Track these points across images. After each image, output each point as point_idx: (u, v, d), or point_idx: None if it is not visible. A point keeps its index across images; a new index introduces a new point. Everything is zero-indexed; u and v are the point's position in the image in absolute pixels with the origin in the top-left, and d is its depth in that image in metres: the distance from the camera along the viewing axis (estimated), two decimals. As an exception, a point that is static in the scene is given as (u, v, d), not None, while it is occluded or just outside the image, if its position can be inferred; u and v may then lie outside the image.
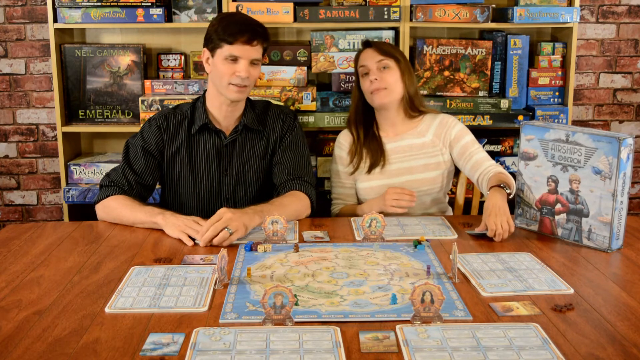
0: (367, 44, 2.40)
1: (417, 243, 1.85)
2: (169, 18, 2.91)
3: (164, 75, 3.04)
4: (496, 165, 2.25)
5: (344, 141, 2.43)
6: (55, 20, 2.85)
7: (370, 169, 2.36)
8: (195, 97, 2.86)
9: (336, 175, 2.43)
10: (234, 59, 2.11)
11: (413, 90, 2.37)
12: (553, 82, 3.03)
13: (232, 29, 2.10)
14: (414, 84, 2.39)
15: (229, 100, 2.18)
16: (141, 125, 2.75)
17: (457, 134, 2.36)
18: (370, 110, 2.41)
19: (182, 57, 3.04)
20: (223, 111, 2.23)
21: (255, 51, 2.13)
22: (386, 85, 2.30)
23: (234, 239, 1.88)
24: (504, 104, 2.94)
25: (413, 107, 2.38)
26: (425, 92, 2.96)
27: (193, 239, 1.91)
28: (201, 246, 1.87)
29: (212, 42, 2.15)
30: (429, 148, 2.37)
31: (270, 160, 2.29)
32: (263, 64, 2.89)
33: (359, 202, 2.43)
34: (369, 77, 2.32)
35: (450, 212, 2.47)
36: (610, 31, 3.38)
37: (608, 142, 1.80)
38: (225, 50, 2.11)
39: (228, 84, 2.13)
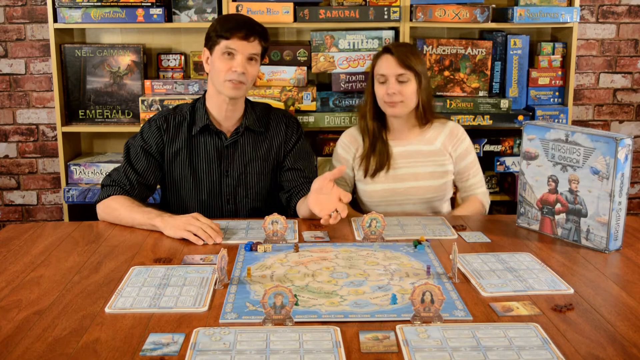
0: (387, 49, 2.32)
1: (417, 243, 1.85)
2: (169, 18, 2.91)
3: (164, 75, 3.04)
4: (484, 195, 2.40)
5: (347, 142, 2.42)
6: (55, 20, 2.85)
7: (375, 173, 2.35)
8: (195, 97, 2.87)
9: None
10: (231, 54, 2.12)
11: (427, 101, 2.35)
12: (553, 82, 3.03)
13: (229, 24, 2.13)
14: (429, 94, 2.37)
15: (227, 98, 2.18)
16: (141, 125, 2.75)
17: (464, 152, 2.38)
18: (381, 112, 2.38)
19: (182, 57, 3.04)
20: (223, 111, 2.23)
21: (252, 47, 2.13)
22: (403, 99, 2.29)
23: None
24: (504, 104, 2.94)
25: (424, 116, 2.36)
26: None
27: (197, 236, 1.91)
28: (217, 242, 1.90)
29: (210, 40, 2.17)
30: (436, 156, 2.36)
31: (274, 162, 2.29)
32: (263, 64, 2.89)
33: (361, 203, 2.43)
34: (386, 86, 2.28)
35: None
36: (610, 31, 3.39)
37: (605, 142, 1.80)
38: (222, 45, 2.12)
39: (224, 80, 2.14)
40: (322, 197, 1.93)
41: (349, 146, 2.41)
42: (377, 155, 2.35)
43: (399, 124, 2.38)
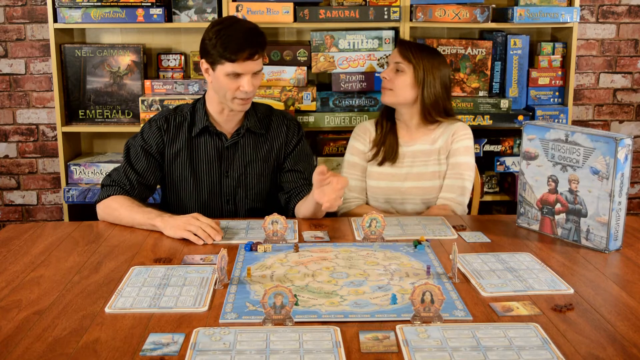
0: (398, 41, 2.46)
1: (417, 243, 1.85)
2: (169, 18, 2.91)
3: (164, 75, 3.04)
4: (448, 200, 2.31)
5: (362, 133, 2.44)
6: (55, 20, 2.85)
7: (382, 162, 2.37)
8: (195, 97, 2.87)
9: (351, 167, 2.41)
10: (237, 75, 2.10)
11: (431, 100, 2.32)
12: (553, 82, 3.03)
13: (232, 46, 2.05)
14: (437, 94, 2.32)
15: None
16: (141, 125, 2.75)
17: (454, 150, 2.34)
18: (392, 108, 2.43)
19: (182, 57, 3.04)
20: (224, 115, 2.22)
21: (256, 64, 2.10)
22: (392, 87, 2.33)
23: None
24: (504, 104, 2.94)
25: (430, 116, 2.34)
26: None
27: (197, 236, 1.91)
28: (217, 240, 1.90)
29: (211, 56, 2.10)
30: (437, 155, 2.36)
31: (274, 164, 2.29)
32: (263, 64, 2.89)
33: (368, 198, 2.43)
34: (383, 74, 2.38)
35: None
36: (610, 31, 3.39)
37: (605, 142, 1.80)
38: (227, 67, 2.07)
39: (232, 98, 2.13)
40: (326, 188, 1.93)
41: (362, 137, 2.43)
42: (387, 147, 2.37)
43: (400, 118, 2.39)
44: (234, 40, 2.06)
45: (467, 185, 2.33)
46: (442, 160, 2.36)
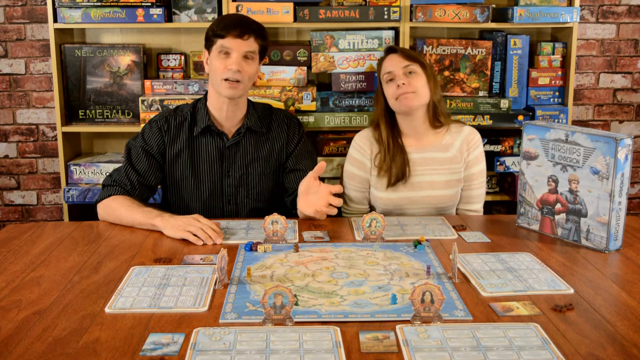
0: (390, 49, 2.32)
1: (417, 243, 1.86)
2: (169, 18, 2.91)
3: (164, 75, 3.04)
4: (476, 213, 2.36)
5: (362, 144, 2.33)
6: (55, 20, 2.85)
7: (395, 183, 2.27)
8: (195, 97, 2.87)
9: (352, 179, 2.34)
10: (227, 53, 2.13)
11: (437, 98, 2.29)
12: (553, 82, 3.03)
13: (224, 22, 2.16)
14: (439, 92, 2.30)
15: (226, 99, 2.18)
16: (141, 125, 2.76)
17: (474, 159, 2.33)
18: (393, 119, 2.33)
19: (182, 57, 3.04)
20: (224, 112, 2.23)
21: (247, 45, 2.14)
22: (414, 90, 2.22)
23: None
24: (504, 104, 2.94)
25: (437, 116, 2.30)
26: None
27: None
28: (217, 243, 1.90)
29: (208, 40, 2.19)
30: (452, 164, 2.31)
31: (276, 163, 2.29)
32: (263, 64, 2.89)
33: (371, 209, 2.39)
34: (395, 82, 2.24)
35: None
36: (610, 31, 3.39)
37: (605, 142, 1.80)
38: (218, 44, 2.14)
39: (221, 79, 2.14)
40: (312, 197, 1.95)
41: (364, 149, 2.33)
42: (398, 166, 2.26)
43: (412, 126, 2.30)
44: (227, 19, 2.20)
45: (485, 191, 2.40)
46: (456, 168, 2.31)
